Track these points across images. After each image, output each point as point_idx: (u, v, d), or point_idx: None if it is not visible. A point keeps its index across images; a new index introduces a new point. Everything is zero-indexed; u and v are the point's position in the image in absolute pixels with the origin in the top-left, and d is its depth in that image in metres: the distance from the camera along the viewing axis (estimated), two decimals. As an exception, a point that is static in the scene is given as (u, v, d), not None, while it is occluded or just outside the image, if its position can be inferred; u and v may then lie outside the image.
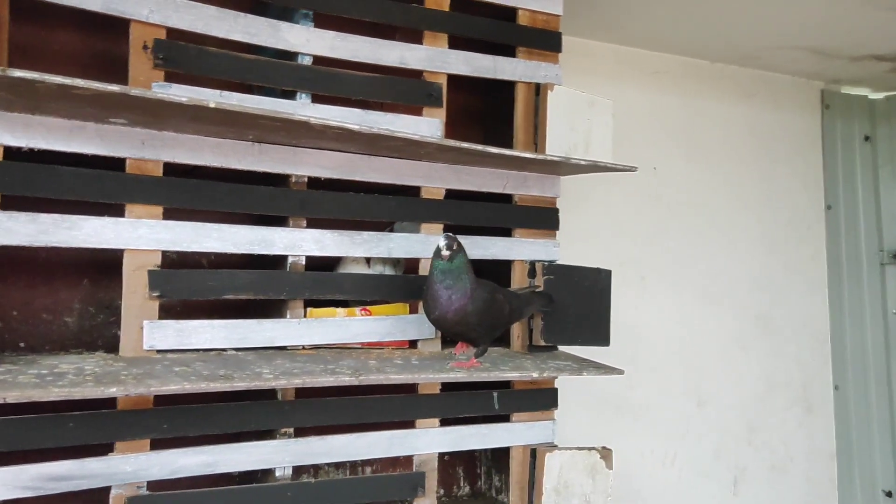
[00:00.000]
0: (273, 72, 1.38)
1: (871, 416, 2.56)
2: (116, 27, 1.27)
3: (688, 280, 2.33)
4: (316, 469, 1.59)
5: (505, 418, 1.59)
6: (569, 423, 1.88)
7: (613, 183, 2.13)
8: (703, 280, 2.35)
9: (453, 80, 1.56)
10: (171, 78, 1.28)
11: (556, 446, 1.59)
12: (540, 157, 1.48)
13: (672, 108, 2.34)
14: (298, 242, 1.39)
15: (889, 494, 2.54)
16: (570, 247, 1.75)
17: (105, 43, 1.43)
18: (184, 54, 1.29)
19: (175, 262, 1.44)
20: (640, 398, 2.22)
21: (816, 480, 2.52)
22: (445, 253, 1.34)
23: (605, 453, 1.59)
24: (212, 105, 1.10)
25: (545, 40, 1.65)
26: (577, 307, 1.61)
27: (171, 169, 1.28)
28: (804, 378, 2.52)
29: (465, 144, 1.37)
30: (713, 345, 2.36)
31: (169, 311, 1.35)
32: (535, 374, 1.44)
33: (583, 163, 1.52)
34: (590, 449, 1.58)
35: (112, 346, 1.34)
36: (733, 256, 2.41)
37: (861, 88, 2.62)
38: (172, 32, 1.28)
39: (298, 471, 1.42)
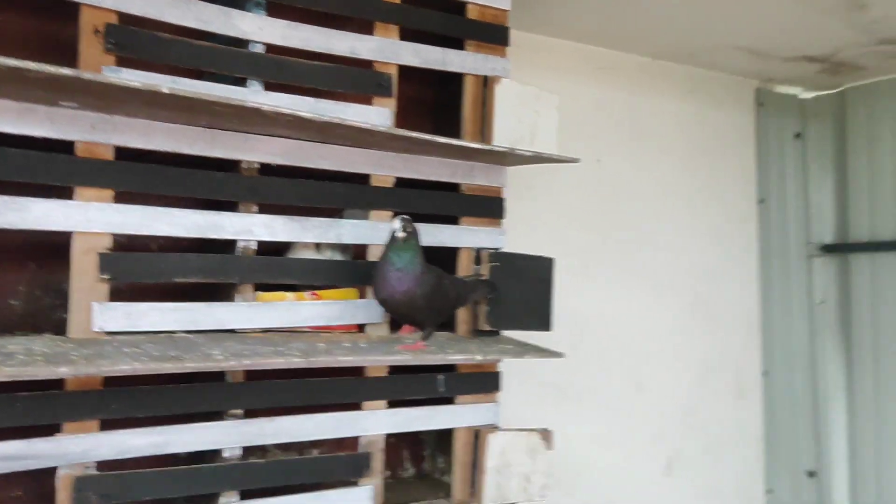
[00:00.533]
0: (226, 59, 1.39)
1: (797, 400, 2.69)
2: (66, 10, 1.26)
3: (629, 268, 2.40)
4: (264, 450, 1.61)
5: (450, 401, 1.64)
6: (515, 407, 1.93)
7: (559, 174, 2.20)
8: (644, 269, 2.43)
9: (405, 71, 1.59)
10: (121, 63, 1.28)
11: (498, 428, 1.65)
12: (486, 147, 1.52)
13: (616, 102, 2.40)
14: (249, 227, 1.41)
15: (811, 474, 2.68)
16: (516, 236, 1.80)
17: (54, 26, 1.41)
18: (135, 39, 1.29)
19: (124, 245, 1.44)
20: (582, 383, 2.29)
21: (745, 461, 2.64)
22: (400, 235, 1.38)
23: (545, 435, 1.66)
24: (165, 91, 1.11)
25: (493, 34, 1.69)
26: (520, 293, 1.67)
27: (122, 153, 1.29)
28: (736, 364, 2.63)
29: (413, 134, 1.40)
30: (653, 332, 2.45)
31: (117, 294, 1.35)
32: (478, 357, 1.49)
33: (527, 154, 1.58)
34: (530, 430, 1.65)
35: (59, 330, 1.34)
36: (672, 246, 2.49)
37: (793, 88, 2.74)
38: (124, 17, 1.29)
39: (247, 452, 1.44)
